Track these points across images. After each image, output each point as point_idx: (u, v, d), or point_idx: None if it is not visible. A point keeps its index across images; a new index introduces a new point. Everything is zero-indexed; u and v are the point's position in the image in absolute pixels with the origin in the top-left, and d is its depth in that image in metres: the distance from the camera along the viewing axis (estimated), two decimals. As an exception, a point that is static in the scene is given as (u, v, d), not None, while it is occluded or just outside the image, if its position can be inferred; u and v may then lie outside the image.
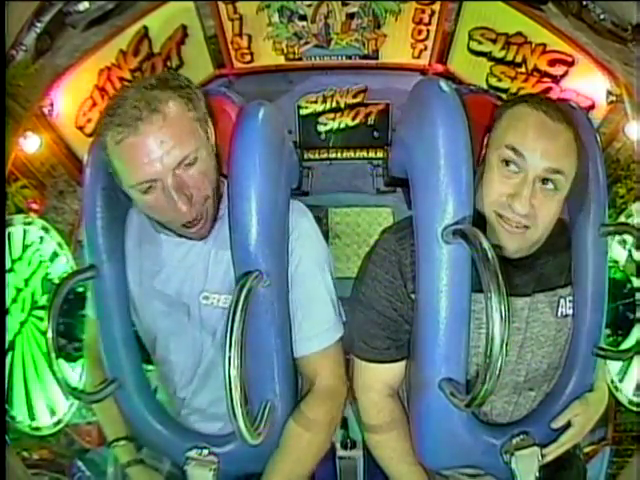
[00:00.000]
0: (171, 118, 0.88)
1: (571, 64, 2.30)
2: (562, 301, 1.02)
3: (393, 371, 1.05)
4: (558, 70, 2.34)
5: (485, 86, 2.48)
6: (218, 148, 1.00)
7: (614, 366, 2.06)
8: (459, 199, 0.90)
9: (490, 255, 0.81)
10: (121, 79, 2.38)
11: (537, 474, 1.00)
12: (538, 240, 0.95)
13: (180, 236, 1.00)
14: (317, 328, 1.02)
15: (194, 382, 1.06)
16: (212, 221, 0.98)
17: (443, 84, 0.98)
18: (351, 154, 2.90)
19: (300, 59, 2.66)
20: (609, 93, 2.19)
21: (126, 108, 0.87)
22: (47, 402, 2.23)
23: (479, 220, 0.93)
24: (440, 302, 0.92)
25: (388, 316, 1.02)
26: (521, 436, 1.01)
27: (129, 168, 0.89)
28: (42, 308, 2.26)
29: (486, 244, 0.82)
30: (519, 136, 0.90)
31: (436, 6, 2.49)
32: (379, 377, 1.05)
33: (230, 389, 0.80)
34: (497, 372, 0.79)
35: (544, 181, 0.90)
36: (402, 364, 1.05)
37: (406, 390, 1.09)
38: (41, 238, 2.30)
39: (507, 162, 0.91)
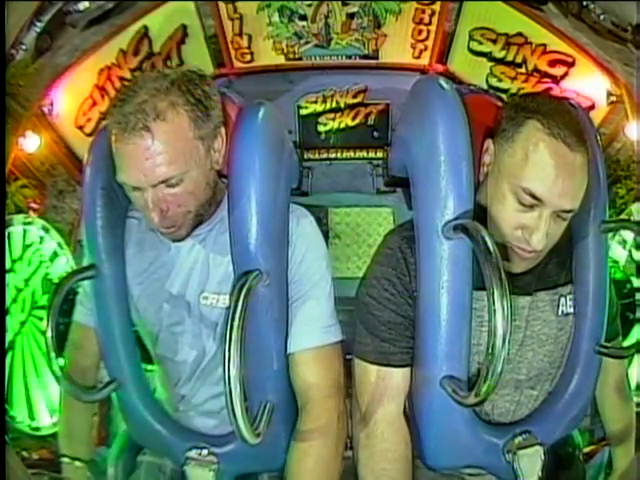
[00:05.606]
0: (165, 137, 0.86)
1: (571, 64, 2.30)
2: (563, 300, 1.02)
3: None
4: (558, 70, 2.34)
5: (485, 86, 2.48)
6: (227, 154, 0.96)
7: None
8: (459, 194, 0.90)
9: (492, 249, 0.80)
10: (121, 78, 2.38)
11: (540, 474, 0.99)
12: (541, 255, 0.95)
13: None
14: (312, 325, 1.00)
15: (193, 379, 1.06)
16: (191, 227, 0.97)
17: (443, 82, 0.98)
18: (351, 154, 2.91)
19: (300, 59, 2.67)
20: (609, 93, 2.20)
21: (129, 108, 0.85)
22: (47, 402, 2.23)
23: (480, 215, 0.93)
24: (441, 299, 0.91)
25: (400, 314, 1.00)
26: (524, 435, 1.01)
27: (119, 166, 0.90)
28: (42, 308, 2.26)
29: (488, 238, 0.82)
30: (538, 180, 0.87)
31: (436, 6, 2.50)
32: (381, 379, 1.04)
33: (230, 388, 0.79)
34: (499, 368, 0.78)
35: (558, 214, 0.90)
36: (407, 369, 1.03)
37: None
38: (41, 238, 2.30)
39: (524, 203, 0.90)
